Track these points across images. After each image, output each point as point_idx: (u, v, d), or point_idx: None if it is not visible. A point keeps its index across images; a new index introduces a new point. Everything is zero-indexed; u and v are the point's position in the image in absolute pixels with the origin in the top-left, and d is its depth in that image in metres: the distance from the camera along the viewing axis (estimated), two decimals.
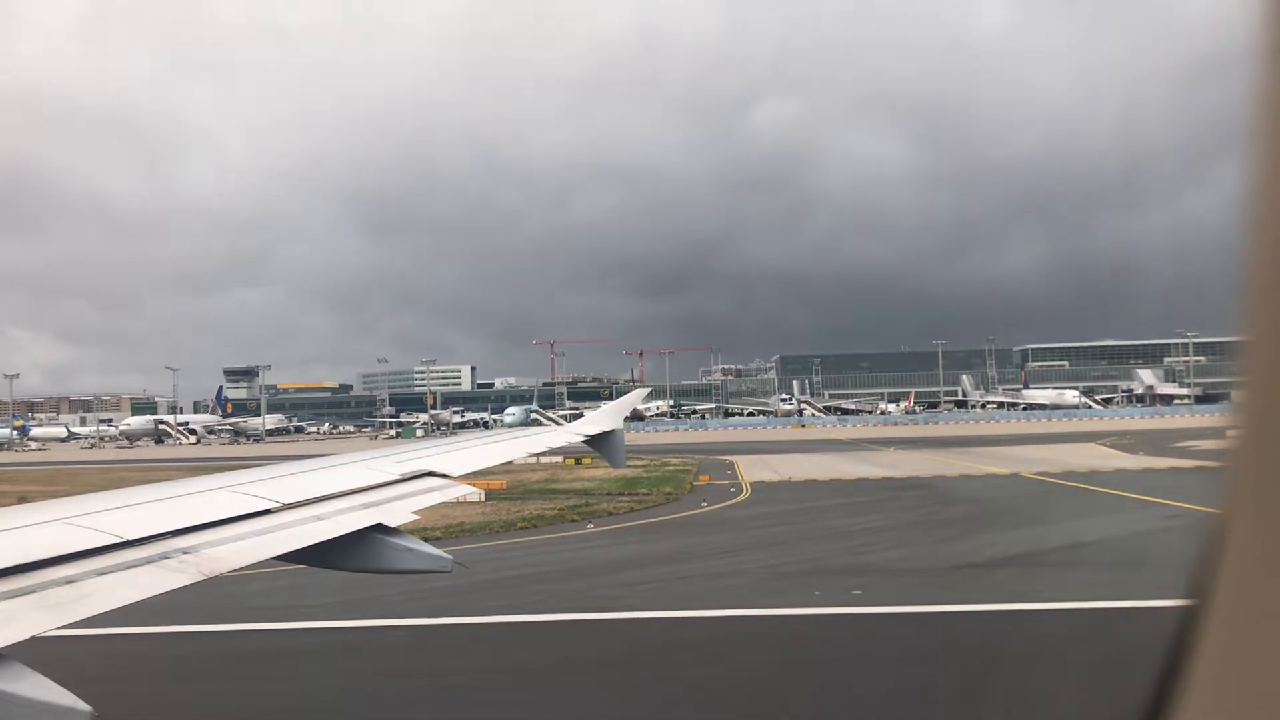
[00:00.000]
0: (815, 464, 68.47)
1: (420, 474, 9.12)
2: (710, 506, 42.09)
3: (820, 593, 22.33)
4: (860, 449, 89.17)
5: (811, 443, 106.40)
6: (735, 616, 20.52)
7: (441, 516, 35.74)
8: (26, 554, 4.86)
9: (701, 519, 38.28)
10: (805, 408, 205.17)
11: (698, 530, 35.13)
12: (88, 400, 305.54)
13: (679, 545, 31.59)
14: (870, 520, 36.57)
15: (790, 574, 25.29)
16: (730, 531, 34.64)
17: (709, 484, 53.34)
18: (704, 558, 28.69)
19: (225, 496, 7.07)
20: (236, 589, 21.37)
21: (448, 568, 7.29)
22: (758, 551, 29.38)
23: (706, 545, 31.37)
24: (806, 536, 32.49)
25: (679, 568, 26.86)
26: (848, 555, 28.17)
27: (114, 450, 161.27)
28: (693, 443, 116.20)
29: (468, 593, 22.41)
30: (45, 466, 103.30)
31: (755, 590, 23.31)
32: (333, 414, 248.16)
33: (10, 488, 63.86)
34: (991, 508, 39.88)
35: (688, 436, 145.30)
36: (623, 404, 17.23)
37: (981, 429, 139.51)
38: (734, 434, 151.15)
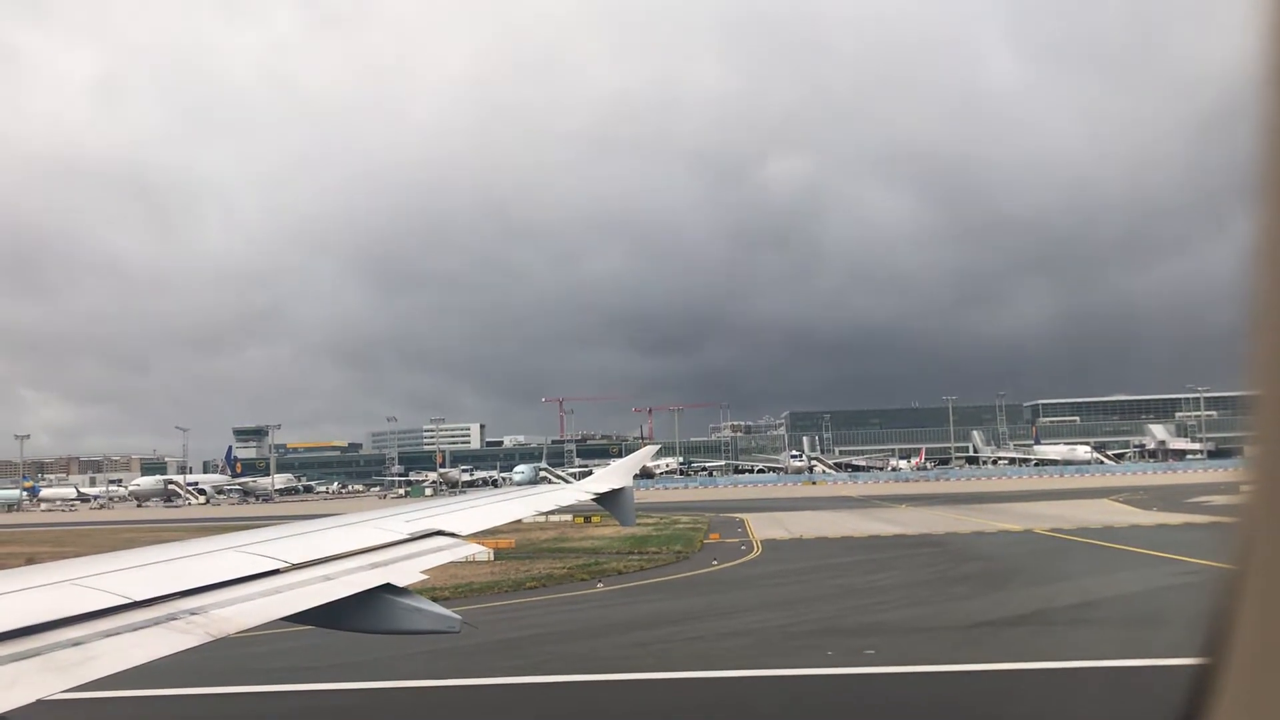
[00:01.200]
0: (826, 521, 68.04)
1: (429, 533, 9.09)
2: (721, 565, 41.79)
3: (833, 652, 22.08)
4: (871, 506, 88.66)
5: (822, 500, 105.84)
6: (746, 677, 20.27)
7: (450, 576, 35.53)
8: (33, 616, 4.84)
9: (712, 578, 37.98)
10: (815, 464, 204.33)
11: (708, 589, 34.84)
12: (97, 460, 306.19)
13: (690, 604, 31.32)
14: (883, 578, 36.25)
15: (802, 633, 25.03)
16: (741, 590, 34.35)
17: (719, 542, 52.98)
18: (715, 617, 28.42)
19: (233, 557, 7.05)
20: (244, 650, 21.19)
21: (456, 628, 7.24)
22: (769, 611, 29.11)
23: (717, 604, 31.10)
24: (818, 595, 32.19)
25: (690, 627, 26.61)
26: (860, 614, 27.89)
27: (123, 510, 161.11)
28: (703, 500, 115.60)
29: (476, 653, 22.20)
30: (54, 528, 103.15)
31: (767, 650, 23.05)
32: (342, 473, 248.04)
33: (19, 549, 63.71)
34: (1005, 565, 39.51)
35: (697, 494, 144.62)
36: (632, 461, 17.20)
37: (993, 485, 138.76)
38: (744, 491, 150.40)
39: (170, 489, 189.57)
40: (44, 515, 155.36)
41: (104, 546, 9.68)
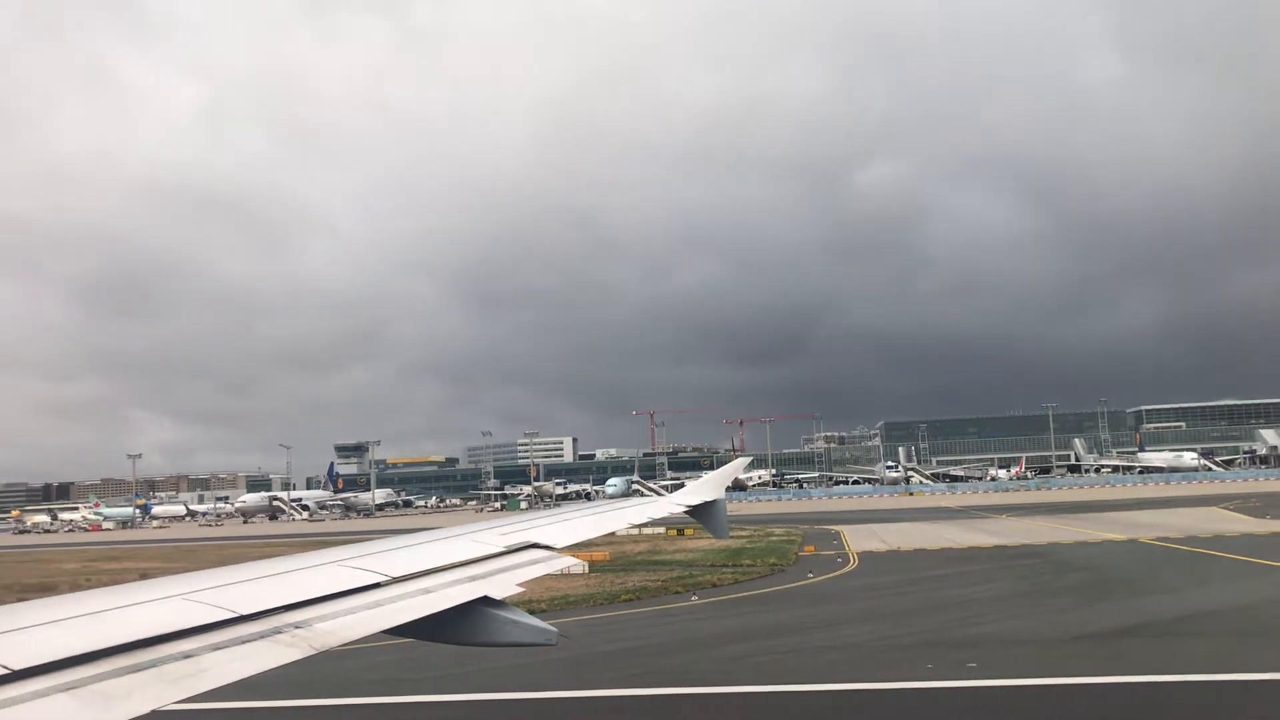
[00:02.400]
0: (924, 532, 66.98)
1: (525, 546, 9.16)
2: (816, 577, 41.38)
3: (933, 666, 21.69)
4: (970, 516, 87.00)
5: (919, 511, 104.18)
6: (845, 690, 20.02)
7: (546, 588, 35.76)
8: (146, 629, 5.00)
9: (808, 590, 37.63)
10: (912, 475, 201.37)
11: (804, 602, 34.53)
12: (206, 478, 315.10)
13: (785, 618, 31.06)
14: (983, 590, 35.53)
15: (901, 646, 24.64)
16: (838, 603, 33.96)
17: (814, 554, 52.47)
18: (811, 630, 28.14)
19: (336, 571, 7.19)
20: (347, 663, 21.60)
21: (553, 640, 7.28)
22: (867, 623, 28.73)
23: (814, 617, 30.79)
24: (917, 608, 31.68)
25: (786, 640, 26.38)
26: (961, 626, 27.36)
27: (230, 527, 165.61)
28: (796, 512, 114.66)
29: (574, 666, 22.30)
30: (166, 544, 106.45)
31: (865, 663, 22.75)
32: (440, 487, 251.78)
33: (133, 564, 65.92)
34: (1109, 575, 38.44)
35: (791, 506, 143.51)
36: (724, 473, 17.09)
37: (1096, 494, 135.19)
38: (839, 503, 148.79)
39: (275, 505, 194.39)
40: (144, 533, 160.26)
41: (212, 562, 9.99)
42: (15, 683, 4.17)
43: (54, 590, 44.79)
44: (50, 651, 4.49)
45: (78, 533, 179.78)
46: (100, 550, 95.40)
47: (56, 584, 51.49)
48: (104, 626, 5.00)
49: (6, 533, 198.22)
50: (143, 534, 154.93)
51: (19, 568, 71.99)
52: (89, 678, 4.38)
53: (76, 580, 53.17)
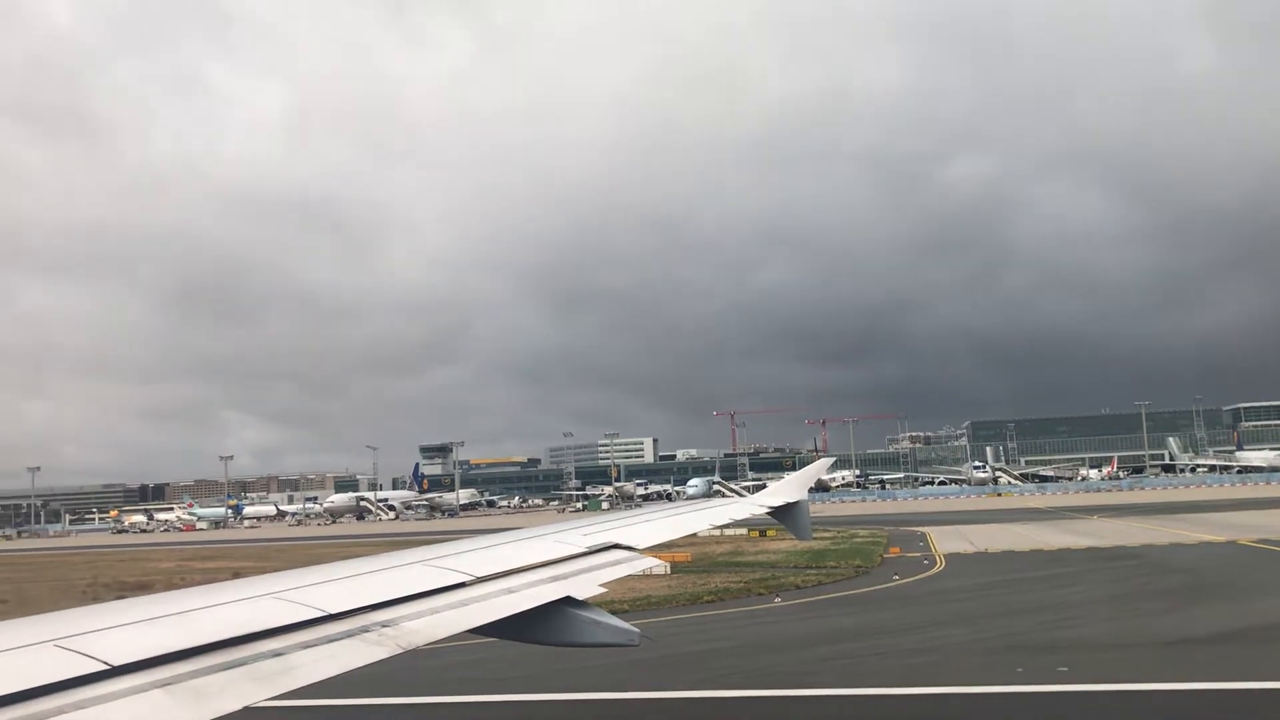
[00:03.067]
0: (1013, 534, 65.72)
1: (606, 546, 9.18)
2: (902, 580, 40.84)
3: (1023, 669, 21.24)
4: (1060, 517, 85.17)
5: (1008, 512, 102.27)
6: (933, 695, 19.71)
7: (628, 589, 35.81)
8: (238, 628, 5.11)
9: (893, 593, 37.16)
10: (1000, 475, 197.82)
11: (890, 604, 34.10)
12: (295, 479, 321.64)
13: (871, 620, 30.71)
14: (1074, 593, 34.74)
15: (990, 650, 24.19)
16: (924, 605, 33.47)
17: (900, 556, 51.80)
18: (897, 633, 27.77)
19: (421, 571, 7.28)
20: (433, 661, 21.85)
21: (636, 641, 7.28)
22: (954, 626, 28.26)
23: (899, 620, 30.39)
24: (1006, 610, 31.08)
25: (871, 643, 26.07)
26: (1051, 630, 26.77)
27: (319, 527, 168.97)
28: (881, 513, 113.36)
29: (656, 666, 22.29)
30: (257, 543, 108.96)
31: (953, 667, 22.37)
32: (522, 488, 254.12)
33: (226, 564, 67.61)
34: (1207, 578, 37.32)
35: (875, 507, 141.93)
36: (806, 474, 16.98)
37: (1192, 494, 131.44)
38: (924, 504, 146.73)
39: (362, 506, 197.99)
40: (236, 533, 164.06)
41: (301, 562, 10.17)
42: (114, 678, 4.30)
43: (150, 589, 46.11)
44: (147, 648, 4.62)
45: (173, 532, 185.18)
46: (194, 550, 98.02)
47: (153, 583, 53.03)
48: (197, 625, 5.13)
49: (105, 532, 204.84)
50: (234, 534, 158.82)
51: (118, 566, 74.31)
52: (183, 674, 4.49)
53: (172, 579, 54.70)
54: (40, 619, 5.18)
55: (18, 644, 4.51)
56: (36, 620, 5.13)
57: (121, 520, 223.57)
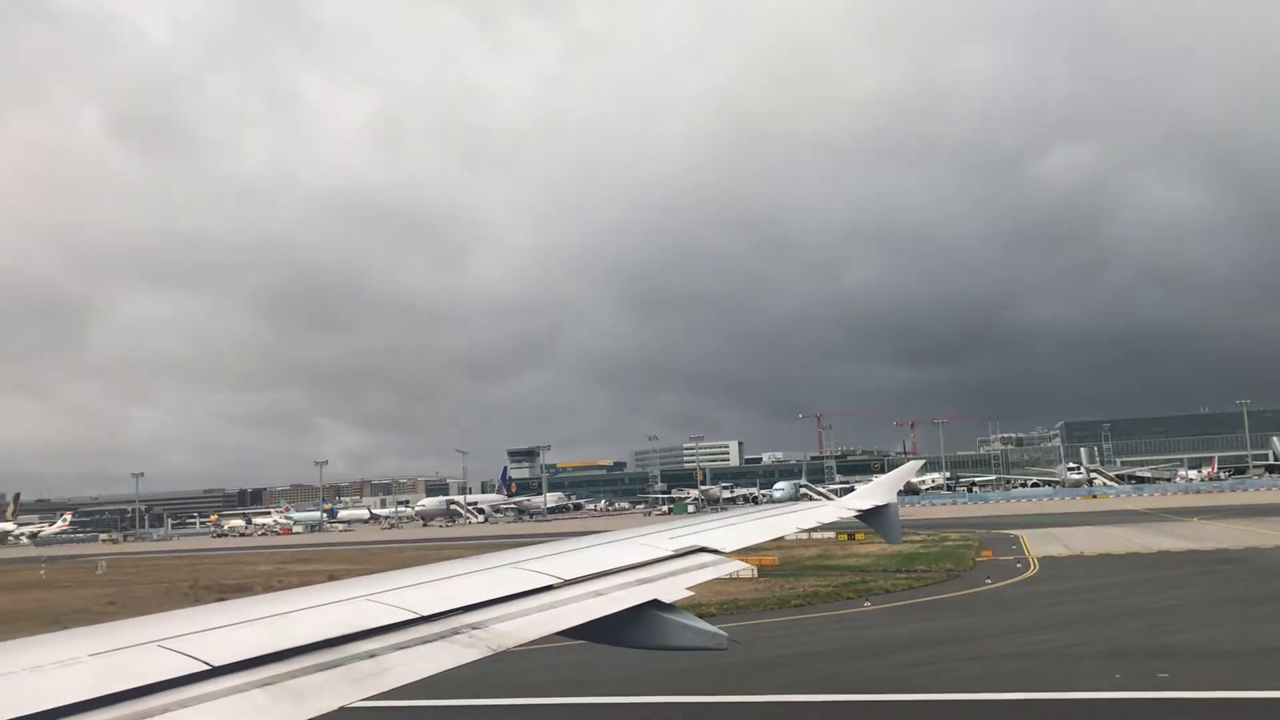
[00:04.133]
0: (1109, 537, 64.14)
1: (693, 550, 9.17)
2: (995, 583, 40.11)
3: (1121, 675, 20.72)
4: (1159, 519, 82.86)
5: (1103, 514, 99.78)
6: (1028, 700, 19.33)
7: (715, 592, 35.75)
8: (333, 629, 5.23)
9: (986, 597, 36.51)
10: (1095, 477, 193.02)
11: (982, 608, 33.52)
12: (387, 483, 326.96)
13: (963, 624, 30.23)
14: (1174, 597, 33.79)
15: (1087, 655, 23.63)
16: (1018, 610, 32.84)
17: (992, 560, 50.90)
18: (990, 637, 27.29)
19: (510, 573, 7.36)
20: (522, 663, 22.04)
21: (724, 645, 7.27)
22: (1049, 631, 27.67)
23: (992, 624, 29.86)
24: (1102, 615, 30.33)
25: (964, 648, 25.65)
26: (1150, 635, 26.07)
27: (410, 530, 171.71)
28: (972, 516, 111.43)
29: (745, 670, 22.22)
30: (351, 546, 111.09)
31: (1049, 672, 21.91)
32: (607, 491, 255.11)
33: (321, 567, 69.05)
34: None
35: (966, 510, 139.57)
36: (895, 477, 16.77)
37: None
38: (1017, 506, 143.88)
39: (452, 509, 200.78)
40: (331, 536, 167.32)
41: (394, 564, 10.36)
42: (215, 678, 4.43)
43: (249, 591, 47.29)
44: (246, 649, 4.75)
45: (270, 536, 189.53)
46: (290, 553, 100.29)
47: (251, 585, 54.40)
48: (295, 626, 5.26)
49: (206, 536, 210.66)
50: (329, 537, 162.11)
51: (218, 569, 76.38)
52: (282, 675, 4.61)
53: (269, 581, 56.02)
54: (145, 620, 5.36)
55: (124, 644, 4.68)
56: (142, 621, 5.31)
57: (221, 524, 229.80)
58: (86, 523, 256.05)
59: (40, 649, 4.57)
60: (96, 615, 41.98)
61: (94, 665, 4.38)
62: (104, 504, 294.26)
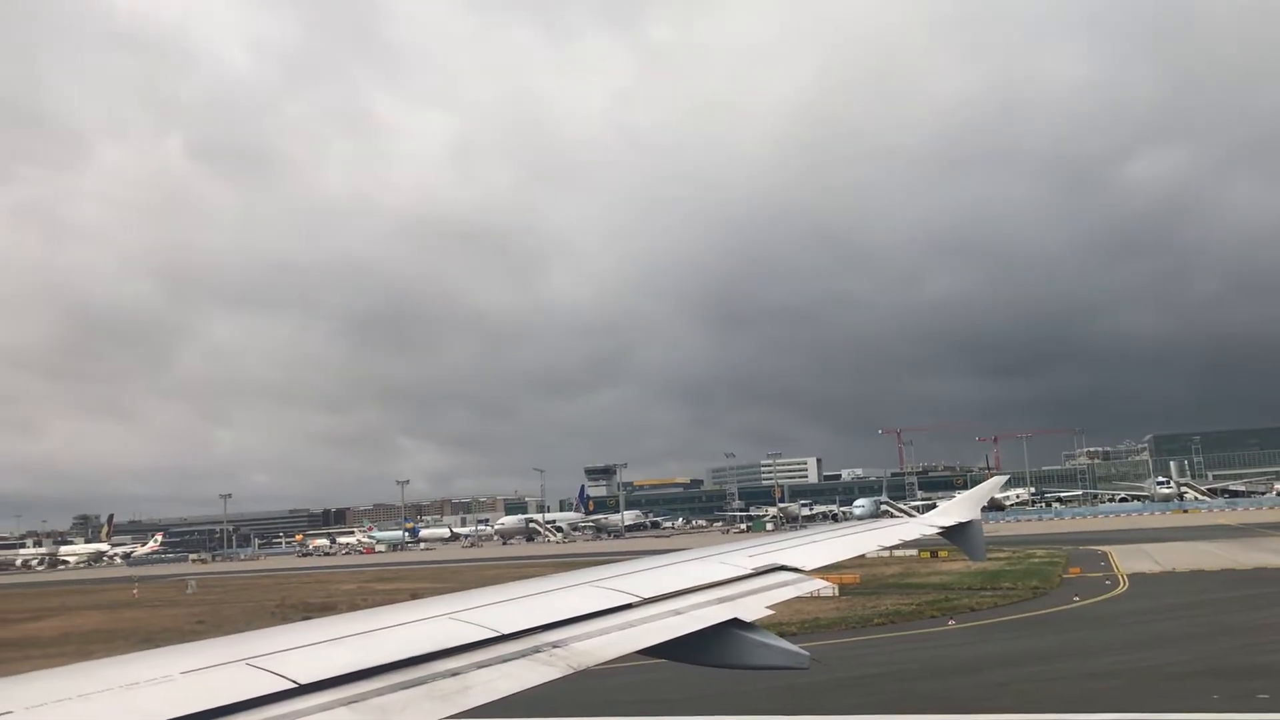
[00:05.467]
0: (1201, 553, 62.34)
1: (772, 568, 9.09)
2: (1083, 601, 39.22)
3: (1219, 696, 20.11)
4: (1254, 535, 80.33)
5: (1195, 529, 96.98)
6: None
7: (795, 611, 35.47)
8: (417, 647, 5.29)
9: (1074, 614, 35.71)
10: (1186, 491, 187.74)
11: (1070, 626, 32.78)
12: (467, 502, 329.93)
13: (1050, 643, 29.58)
14: (1272, 615, 32.73)
15: (1180, 674, 22.98)
16: (1107, 628, 32.05)
17: (1080, 577, 49.79)
18: (1079, 656, 26.66)
19: (589, 591, 7.36)
20: (602, 682, 22.06)
21: (805, 664, 7.18)
22: (1140, 650, 26.96)
23: (1081, 642, 29.17)
24: (1196, 633, 29.48)
25: (1052, 666, 25.10)
26: (1247, 654, 25.26)
27: (490, 548, 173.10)
28: (1058, 532, 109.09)
29: (827, 690, 21.99)
30: (432, 565, 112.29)
31: (1141, 692, 21.34)
32: (685, 509, 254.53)
33: (404, 585, 69.89)
34: None
35: (1052, 526, 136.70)
36: (979, 493, 16.44)
37: None
38: (1104, 522, 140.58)
39: (531, 527, 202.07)
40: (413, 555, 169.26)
41: (475, 582, 10.46)
42: (302, 696, 4.50)
43: (334, 609, 48.05)
44: (332, 667, 4.82)
45: (353, 555, 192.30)
46: (374, 571, 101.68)
47: (336, 604, 55.28)
48: (379, 644, 5.33)
49: (291, 555, 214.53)
50: (411, 556, 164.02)
51: (303, 588, 77.71)
52: (367, 692, 4.67)
53: (354, 600, 56.90)
54: (234, 639, 5.47)
55: (215, 662, 4.78)
56: (231, 640, 5.42)
57: (306, 544, 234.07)
58: (177, 543, 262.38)
59: (135, 666, 4.68)
60: (187, 634, 42.99)
61: (186, 683, 4.48)
62: (193, 524, 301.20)
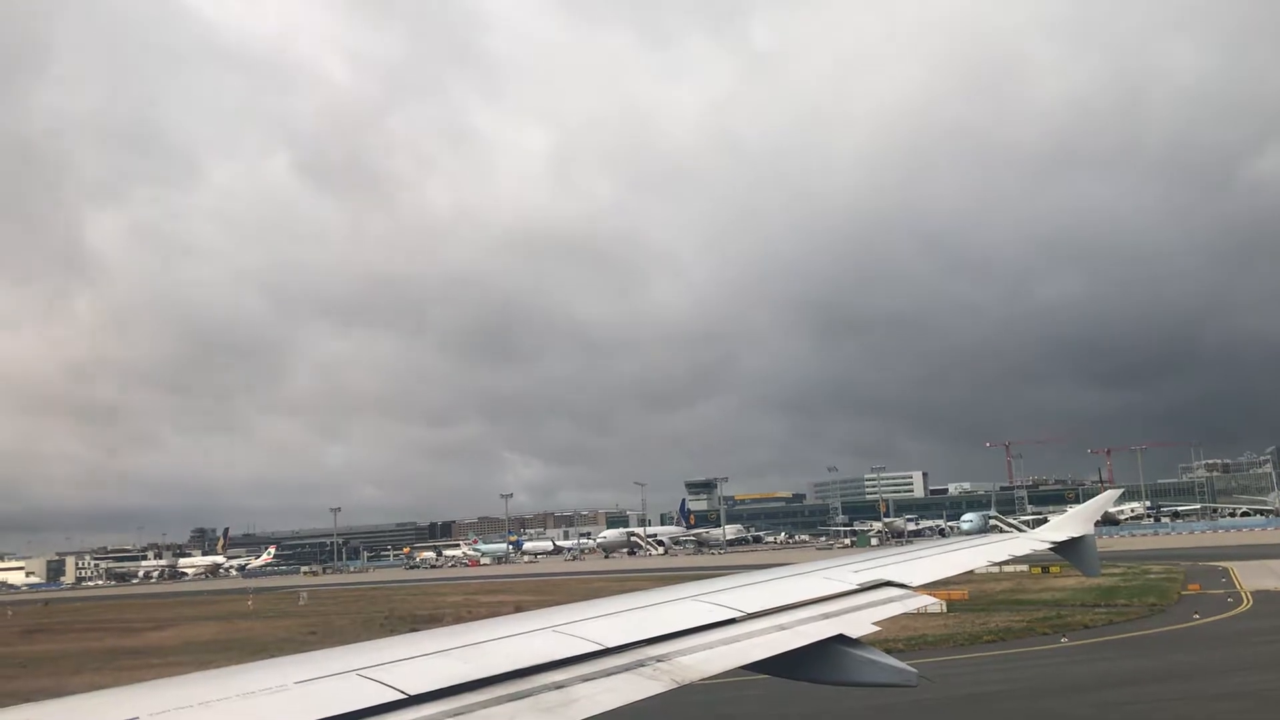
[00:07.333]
0: None
1: (878, 584, 8.96)
2: (1203, 619, 37.82)
3: None
4: None
5: None
6: None
7: (902, 628, 34.87)
8: (522, 660, 5.34)
9: (1194, 633, 34.45)
10: None
11: (1189, 645, 31.63)
12: (569, 515, 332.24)
13: (1169, 662, 28.58)
14: None
15: None
16: (1230, 647, 30.85)
17: (1200, 594, 48.03)
18: (1201, 676, 25.71)
19: (693, 605, 7.34)
20: (706, 697, 21.97)
21: (913, 681, 7.05)
22: (1268, 671, 25.89)
23: (1202, 663, 28.13)
24: None
25: (1173, 686, 24.25)
26: None
27: (592, 561, 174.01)
28: (1176, 548, 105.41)
29: (937, 708, 21.57)
30: (536, 578, 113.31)
31: (1270, 715, 20.47)
32: (787, 523, 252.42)
33: (508, 598, 70.64)
34: None
35: (1169, 541, 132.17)
36: (1092, 507, 15.96)
37: None
38: (1225, 537, 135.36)
39: (633, 541, 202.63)
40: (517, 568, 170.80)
41: (578, 595, 10.51)
42: (412, 707, 4.58)
43: (441, 621, 48.78)
44: (440, 678, 4.89)
45: (459, 568, 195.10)
46: (479, 584, 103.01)
47: (442, 616, 56.11)
48: (485, 656, 5.39)
49: (399, 568, 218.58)
50: (515, 569, 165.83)
51: (411, 600, 79.08)
52: (474, 704, 4.73)
53: (460, 612, 57.68)
54: (345, 650, 5.59)
55: (327, 673, 4.89)
56: (343, 651, 5.54)
57: (413, 556, 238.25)
58: (289, 555, 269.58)
59: (250, 676, 4.82)
60: (300, 644, 44.08)
61: (300, 692, 4.60)
62: (304, 537, 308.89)
